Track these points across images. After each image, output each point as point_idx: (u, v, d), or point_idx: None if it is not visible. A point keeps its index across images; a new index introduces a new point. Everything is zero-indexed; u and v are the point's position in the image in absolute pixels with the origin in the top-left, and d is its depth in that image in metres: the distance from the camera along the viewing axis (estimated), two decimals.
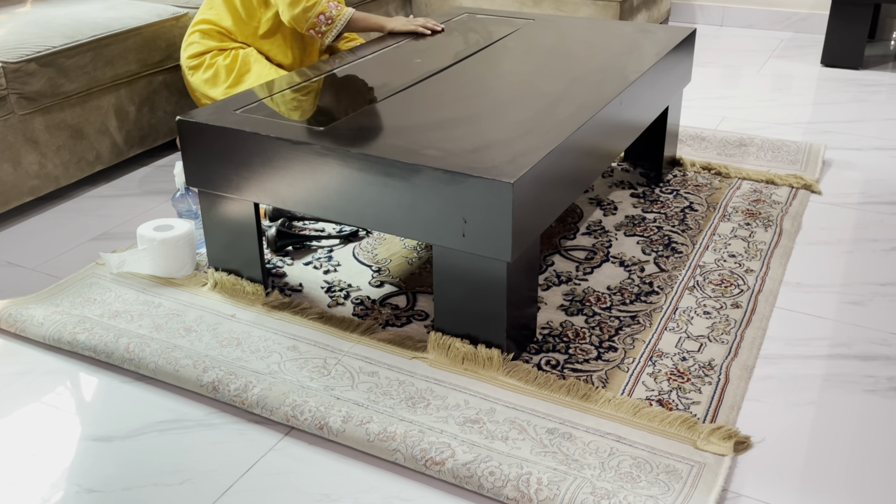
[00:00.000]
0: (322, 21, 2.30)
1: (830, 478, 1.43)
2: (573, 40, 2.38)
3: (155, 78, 2.72)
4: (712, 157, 2.72)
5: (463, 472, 1.40)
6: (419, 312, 1.89)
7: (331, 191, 1.69)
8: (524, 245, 1.59)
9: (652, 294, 1.94)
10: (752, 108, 3.23)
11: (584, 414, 1.55)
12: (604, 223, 2.28)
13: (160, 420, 1.59)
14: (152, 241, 1.99)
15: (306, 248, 2.18)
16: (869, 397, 1.62)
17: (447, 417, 1.54)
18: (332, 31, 2.32)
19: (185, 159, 1.86)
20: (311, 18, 2.30)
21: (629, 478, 1.40)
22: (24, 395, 1.67)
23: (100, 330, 1.79)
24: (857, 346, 1.77)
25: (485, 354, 1.67)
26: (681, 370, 1.68)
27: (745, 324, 1.83)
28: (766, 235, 2.20)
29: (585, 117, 1.77)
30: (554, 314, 1.87)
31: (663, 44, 2.31)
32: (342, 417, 1.52)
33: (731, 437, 1.48)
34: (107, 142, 2.60)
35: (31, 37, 2.42)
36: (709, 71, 3.71)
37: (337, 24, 2.31)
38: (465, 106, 1.86)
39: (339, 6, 2.34)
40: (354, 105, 1.88)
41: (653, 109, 2.22)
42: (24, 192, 2.38)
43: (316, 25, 2.32)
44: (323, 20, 2.30)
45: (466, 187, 1.52)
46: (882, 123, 3.05)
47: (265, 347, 1.75)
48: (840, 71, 3.68)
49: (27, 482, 1.45)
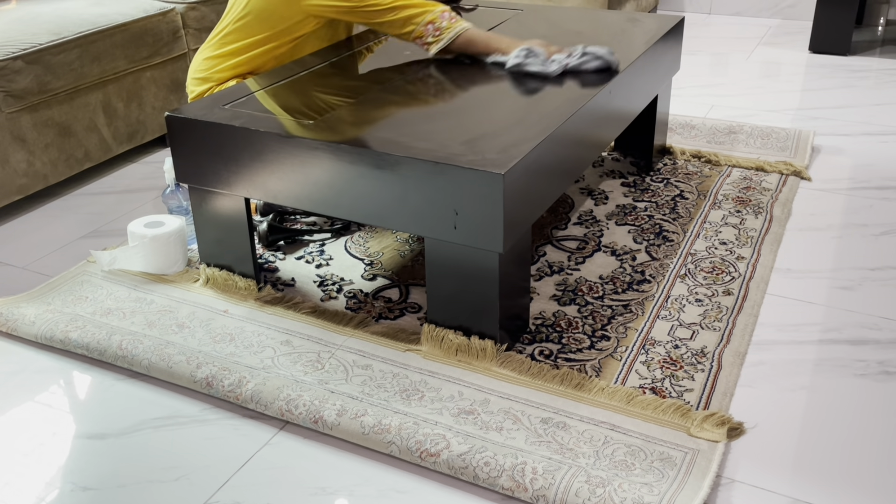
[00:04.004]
0: (430, 31, 2.02)
1: (823, 462, 1.44)
2: (562, 30, 2.37)
3: (143, 74, 2.71)
4: (702, 145, 2.73)
5: (458, 463, 1.41)
6: (412, 305, 1.89)
7: (321, 184, 1.69)
8: (516, 236, 1.59)
9: (644, 283, 1.95)
10: (741, 96, 3.23)
11: (577, 403, 1.56)
12: (595, 213, 2.28)
13: (154, 417, 1.59)
14: (143, 238, 1.98)
15: (298, 242, 2.18)
16: (860, 381, 1.63)
17: (441, 409, 1.55)
18: (439, 42, 2.03)
19: (175, 155, 1.85)
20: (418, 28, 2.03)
21: (623, 466, 1.41)
22: (17, 394, 1.66)
23: (92, 328, 1.78)
24: (848, 330, 1.78)
25: (478, 345, 1.67)
26: (673, 358, 1.69)
27: (736, 311, 1.83)
28: (756, 222, 2.21)
29: (575, 107, 1.77)
30: (546, 304, 1.88)
31: (652, 32, 2.31)
32: (337, 411, 1.52)
33: (724, 423, 1.49)
34: (95, 139, 2.59)
35: (16, 34, 2.40)
36: (697, 59, 3.71)
37: (445, 37, 2.02)
38: (454, 97, 1.86)
39: (453, 17, 2.04)
40: (344, 98, 1.87)
41: (642, 98, 2.23)
42: (13, 190, 2.37)
43: (423, 35, 2.04)
44: (431, 30, 2.02)
45: (457, 179, 1.52)
46: (870, 109, 3.06)
47: (258, 342, 1.75)
48: (828, 57, 3.69)
49: (22, 481, 1.45)
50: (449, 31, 2.01)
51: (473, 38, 2.04)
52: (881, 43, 3.89)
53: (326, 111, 1.80)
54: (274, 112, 1.80)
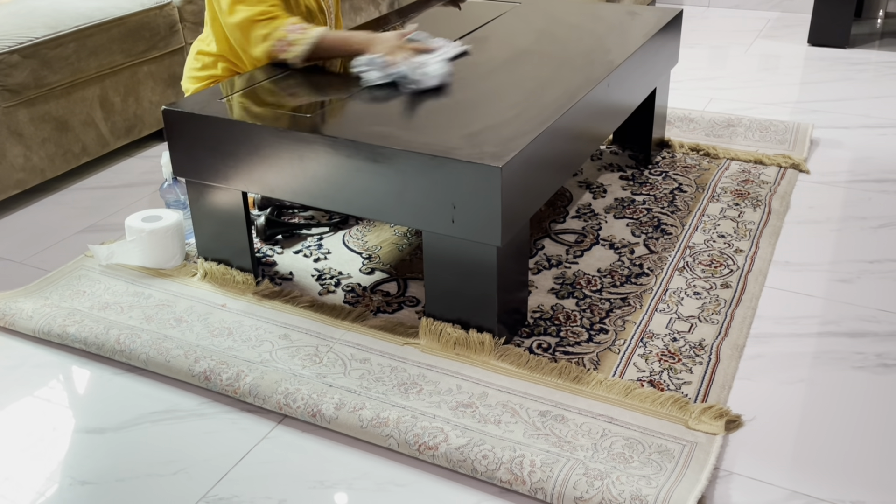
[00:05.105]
0: (280, 48, 1.94)
1: (821, 454, 1.44)
2: (560, 23, 2.37)
3: (140, 68, 2.70)
4: (701, 138, 2.72)
5: (456, 457, 1.41)
6: (410, 298, 1.89)
7: (319, 178, 1.68)
8: (514, 229, 1.59)
9: (642, 276, 1.95)
10: (739, 89, 3.23)
11: (575, 396, 1.56)
12: (593, 206, 2.28)
13: (152, 411, 1.59)
14: (141, 232, 1.98)
15: (296, 236, 2.18)
16: (858, 374, 1.63)
17: (440, 402, 1.55)
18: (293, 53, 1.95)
19: (172, 149, 1.85)
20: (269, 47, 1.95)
21: (622, 458, 1.41)
22: (16, 388, 1.66)
23: (90, 322, 1.78)
24: (846, 323, 1.79)
25: (476, 339, 1.67)
26: (672, 351, 1.69)
27: (734, 303, 1.83)
28: (755, 215, 2.20)
29: (573, 100, 1.77)
30: (545, 298, 1.87)
31: (650, 25, 2.30)
32: (335, 404, 1.52)
33: (722, 415, 1.49)
34: (92, 133, 2.58)
35: (12, 28, 2.39)
36: (696, 52, 3.71)
37: (297, 48, 1.93)
38: (452, 91, 1.85)
39: (303, 28, 1.95)
40: (341, 92, 1.87)
41: (640, 91, 2.22)
42: (10, 185, 2.37)
43: (277, 52, 1.96)
44: (283, 46, 1.94)
45: (455, 172, 1.52)
46: (869, 102, 3.06)
47: (256, 336, 1.75)
48: (827, 50, 3.68)
49: (21, 476, 1.45)
50: (299, 44, 1.92)
51: (332, 44, 1.95)
52: (880, 36, 3.89)
53: (324, 104, 1.80)
54: (271, 106, 1.80)
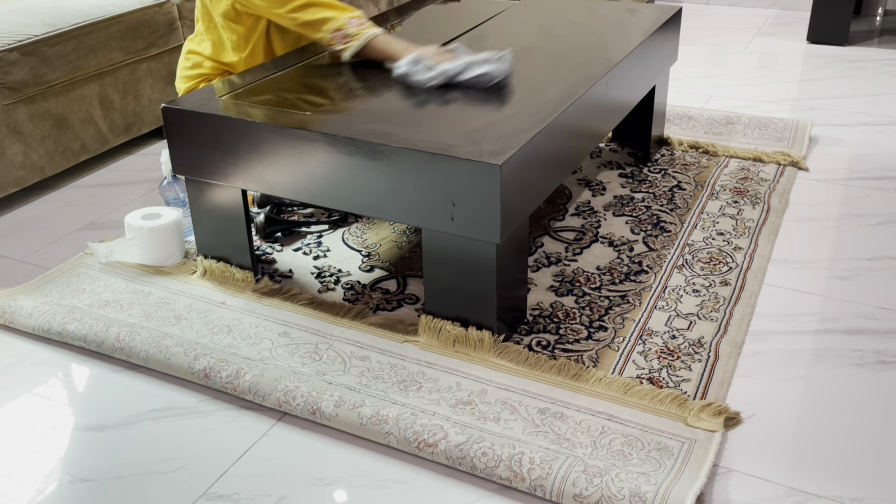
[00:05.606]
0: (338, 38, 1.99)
1: (819, 451, 1.45)
2: (559, 21, 2.37)
3: (139, 66, 2.70)
4: (700, 135, 2.72)
5: (456, 454, 1.41)
6: (410, 296, 1.89)
7: (318, 176, 1.68)
8: (513, 227, 1.59)
9: (641, 273, 1.95)
10: (738, 87, 3.23)
11: (575, 393, 1.56)
12: (592, 203, 2.28)
13: (152, 408, 1.59)
14: (140, 230, 1.98)
15: (295, 234, 2.18)
16: (856, 371, 1.64)
17: (439, 400, 1.55)
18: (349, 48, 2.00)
19: (171, 147, 1.85)
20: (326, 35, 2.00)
21: (621, 455, 1.41)
22: (15, 386, 1.67)
23: (89, 319, 1.78)
24: (845, 320, 1.79)
25: (476, 336, 1.68)
26: (671, 348, 1.69)
27: (733, 301, 1.84)
28: (754, 213, 2.21)
29: (572, 98, 1.77)
30: (544, 295, 1.88)
31: (649, 23, 2.30)
32: (334, 402, 1.52)
33: (721, 413, 1.49)
34: (91, 131, 2.58)
35: (12, 25, 2.39)
36: (695, 49, 3.71)
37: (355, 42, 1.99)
38: (451, 89, 1.85)
39: (361, 24, 2.00)
40: (341, 89, 1.87)
41: (640, 89, 2.22)
42: (9, 183, 2.37)
43: (333, 42, 2.01)
44: (340, 37, 1.99)
45: (454, 170, 1.52)
46: (868, 99, 3.06)
47: (256, 334, 1.75)
48: (826, 47, 3.68)
49: (21, 473, 1.45)
50: (357, 38, 1.99)
51: (379, 46, 2.00)
52: (879, 33, 3.89)
53: (323, 102, 1.80)
54: (271, 103, 1.80)
